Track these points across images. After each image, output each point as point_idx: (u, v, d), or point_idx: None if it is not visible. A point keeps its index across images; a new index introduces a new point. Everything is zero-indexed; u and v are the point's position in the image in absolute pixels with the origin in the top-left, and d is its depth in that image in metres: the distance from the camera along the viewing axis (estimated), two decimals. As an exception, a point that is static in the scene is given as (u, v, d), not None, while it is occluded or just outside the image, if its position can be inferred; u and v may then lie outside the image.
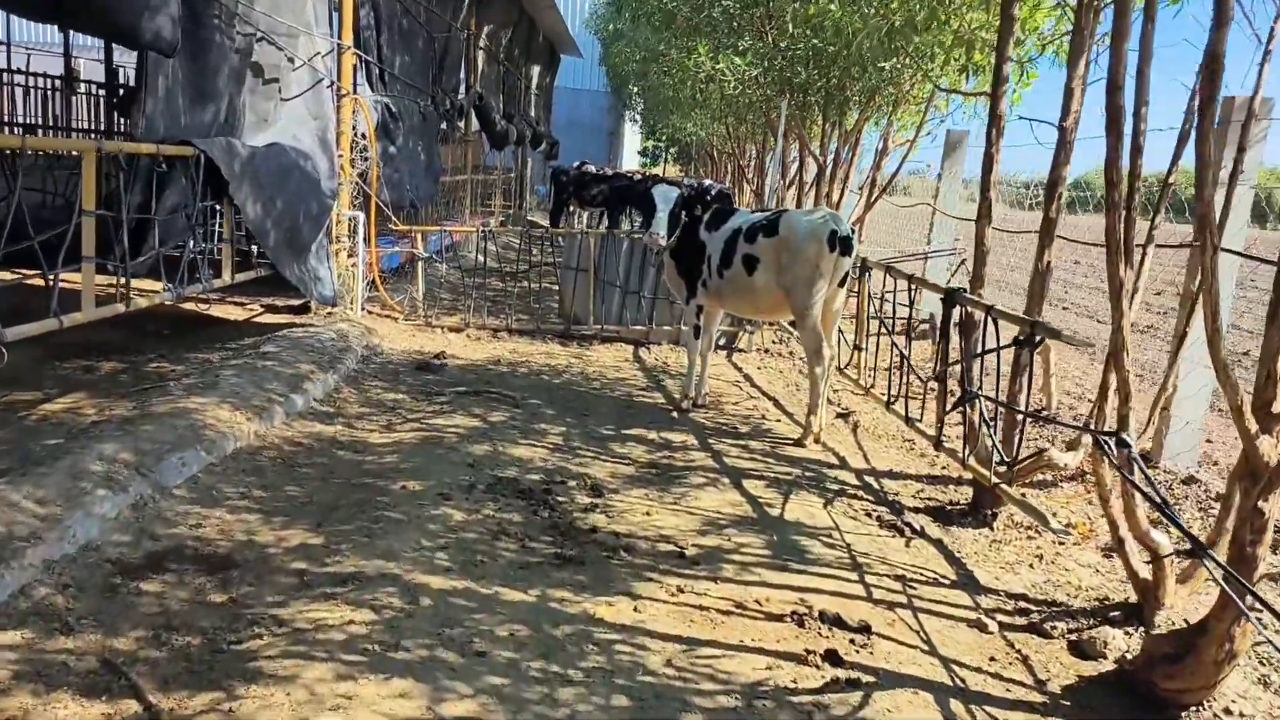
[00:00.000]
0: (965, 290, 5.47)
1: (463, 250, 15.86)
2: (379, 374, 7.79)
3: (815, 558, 4.71)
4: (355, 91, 9.74)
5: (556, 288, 11.50)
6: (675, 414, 7.30)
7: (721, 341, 9.79)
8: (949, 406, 5.65)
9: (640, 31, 17.31)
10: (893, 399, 6.50)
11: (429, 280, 11.16)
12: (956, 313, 5.60)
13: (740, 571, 4.49)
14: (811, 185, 13.03)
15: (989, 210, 5.31)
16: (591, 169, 21.81)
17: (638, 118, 35.08)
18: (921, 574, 4.63)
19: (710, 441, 6.63)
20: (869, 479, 6.11)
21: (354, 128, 9.78)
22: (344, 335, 8.40)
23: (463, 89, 15.83)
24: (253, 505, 4.81)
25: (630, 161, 41.26)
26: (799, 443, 6.66)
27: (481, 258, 10.20)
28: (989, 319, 5.03)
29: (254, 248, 8.92)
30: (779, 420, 7.40)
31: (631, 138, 41.31)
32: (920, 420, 6.23)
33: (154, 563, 4.11)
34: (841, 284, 6.59)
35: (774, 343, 10.34)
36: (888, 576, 4.56)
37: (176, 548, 4.26)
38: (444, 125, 14.51)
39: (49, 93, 15.42)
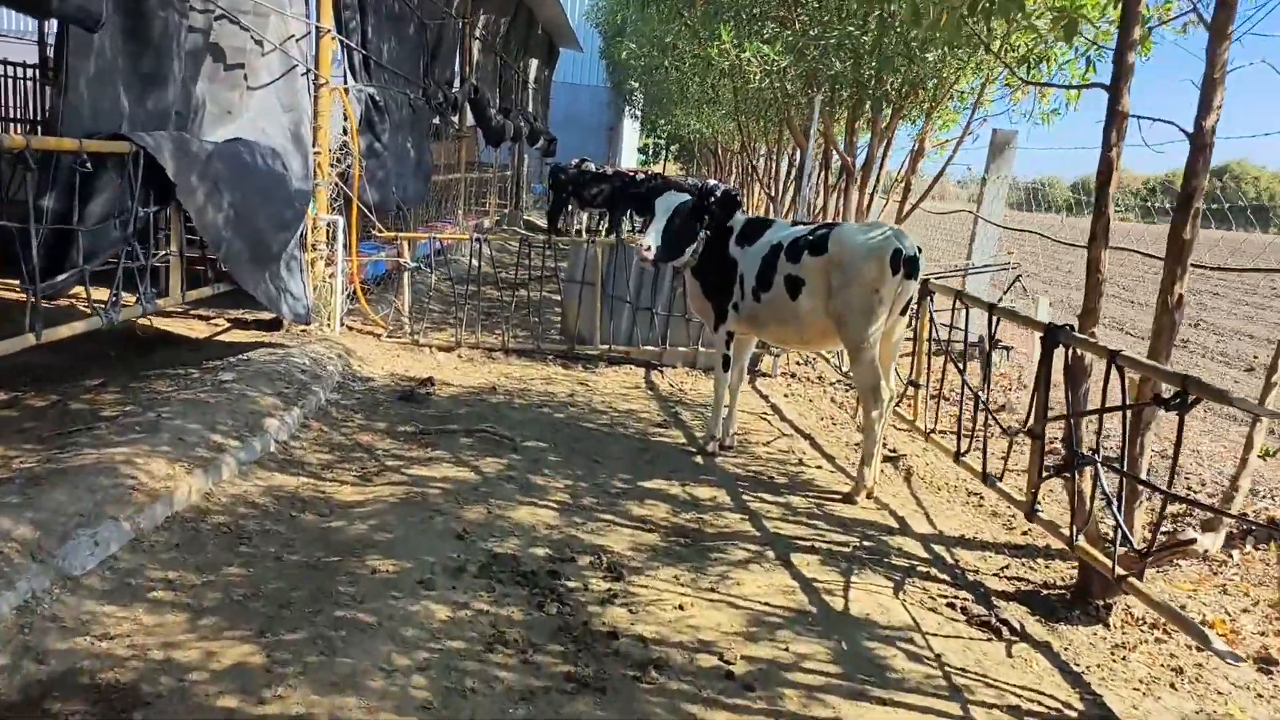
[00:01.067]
0: (1071, 328, 4.45)
1: (455, 254, 14.82)
2: (357, 406, 6.75)
3: (899, 677, 3.69)
4: (335, 81, 8.69)
5: (558, 298, 10.45)
6: (700, 458, 6.27)
7: None
8: (1047, 468, 4.63)
9: (649, 22, 16.24)
10: (963, 450, 5.47)
11: (416, 290, 10.12)
12: (1057, 353, 4.57)
13: (807, 702, 3.47)
14: (835, 188, 12.02)
15: (1106, 229, 4.29)
16: (591, 167, 20.77)
17: (638, 114, 33.98)
18: (1039, 703, 3.60)
19: (744, 497, 5.60)
20: (938, 549, 5.09)
21: (334, 122, 8.73)
22: (318, 358, 7.34)
23: (457, 81, 14.78)
24: (181, 600, 3.77)
25: (630, 159, 40.19)
26: (848, 499, 5.64)
27: (475, 262, 9.13)
28: (1114, 367, 4.00)
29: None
30: (818, 466, 6.37)
31: (631, 135, 40.25)
32: (999, 477, 5.21)
33: (31, 701, 3.07)
34: (903, 312, 5.57)
35: (799, 364, 9.32)
36: (997, 708, 3.54)
37: (67, 674, 3.21)
38: (436, 120, 13.46)
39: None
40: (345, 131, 8.76)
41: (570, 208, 19.76)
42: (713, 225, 6.20)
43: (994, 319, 5.20)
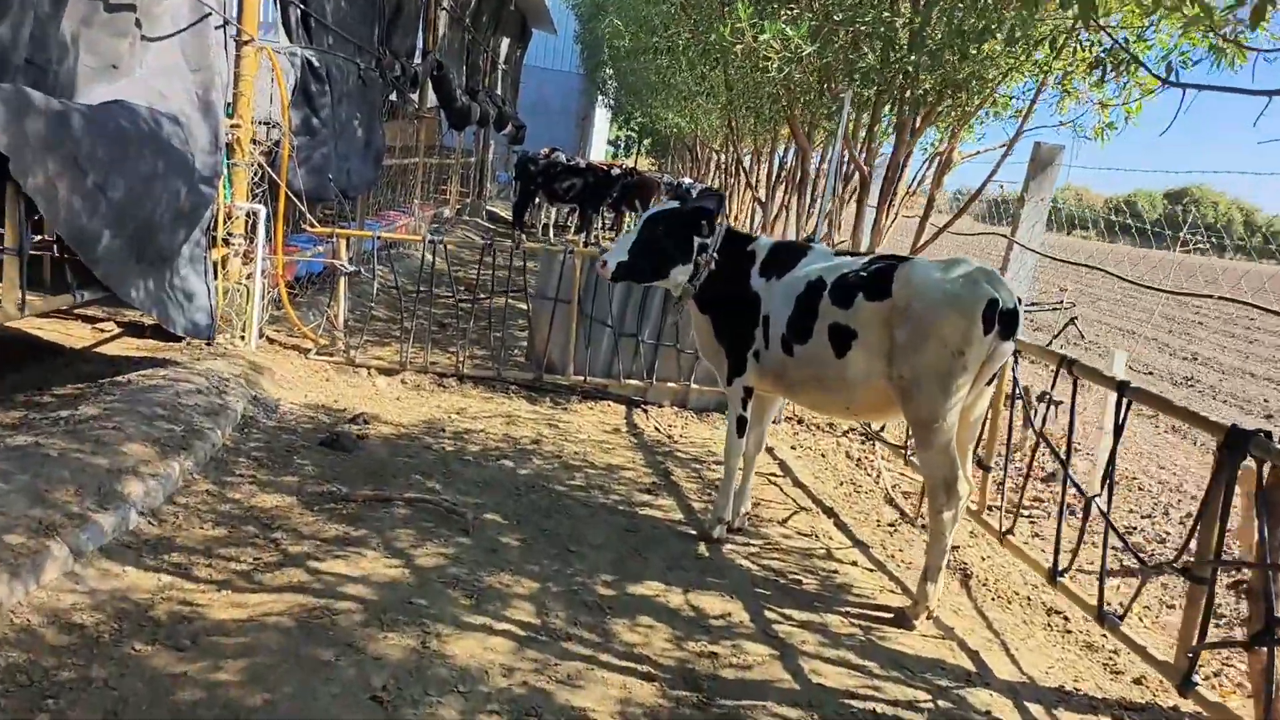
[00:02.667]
0: (1266, 434, 3.13)
1: (408, 248, 13.27)
2: (264, 453, 5.25)
3: None
4: (264, 39, 7.15)
5: (525, 307, 8.97)
6: (703, 546, 4.88)
7: (714, 404, 7.38)
8: (1204, 621, 3.31)
9: (635, 2, 14.81)
10: (1063, 568, 4.15)
11: (361, 293, 8.59)
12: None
13: None
14: (851, 199, 10.68)
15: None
16: (562, 158, 19.26)
17: (613, 103, 32.44)
18: None
19: (767, 613, 4.22)
20: (1035, 710, 3.75)
21: (260, 89, 7.20)
22: (219, 383, 5.82)
23: (418, 54, 13.22)
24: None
25: (600, 151, 38.69)
26: (903, 622, 4.28)
27: (430, 263, 7.61)
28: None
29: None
30: (852, 561, 5.01)
31: (603, 125, 38.73)
32: (1121, 616, 3.88)
33: None
34: (990, 381, 4.23)
35: (803, 404, 7.97)
36: None
37: None
38: (392, 96, 11.91)
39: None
40: (274, 101, 7.22)
41: (538, 201, 18.27)
42: (724, 246, 4.80)
43: (1123, 401, 3.85)
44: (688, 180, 22.66)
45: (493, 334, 7.86)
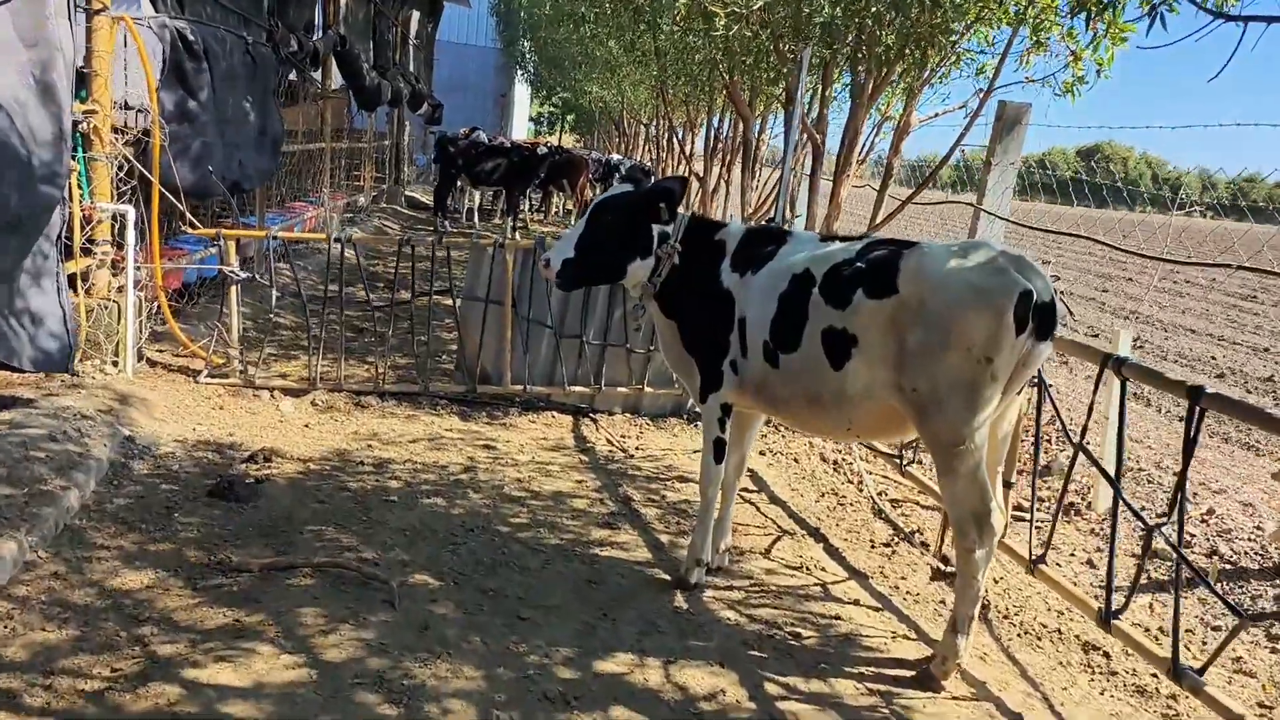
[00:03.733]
0: None
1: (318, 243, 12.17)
2: (134, 513, 4.29)
3: None
4: (121, 8, 6.07)
5: (449, 303, 8.04)
6: (679, 596, 4.09)
7: (671, 408, 6.57)
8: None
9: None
10: (1118, 609, 3.46)
11: (260, 299, 7.56)
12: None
13: None
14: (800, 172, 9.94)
15: None
16: (483, 137, 18.19)
17: (534, 78, 31.19)
18: None
19: (767, 687, 3.44)
20: (1107, 795, 3.05)
21: (118, 69, 6.13)
22: (79, 425, 4.82)
23: (318, 29, 12.06)
24: None
25: (522, 129, 37.41)
26: (928, 682, 3.55)
27: (354, 251, 6.62)
28: None
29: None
30: (854, 599, 4.25)
31: (524, 101, 37.42)
32: (1202, 670, 3.19)
33: None
34: (1022, 389, 3.50)
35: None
36: None
37: None
38: (290, 75, 10.79)
39: None
40: (140, 83, 6.14)
41: (460, 184, 17.20)
42: (688, 236, 4.01)
43: (1197, 411, 3.12)
44: (617, 156, 21.76)
45: (416, 340, 6.89)
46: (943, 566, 4.52)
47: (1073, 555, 5.01)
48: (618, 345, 6.42)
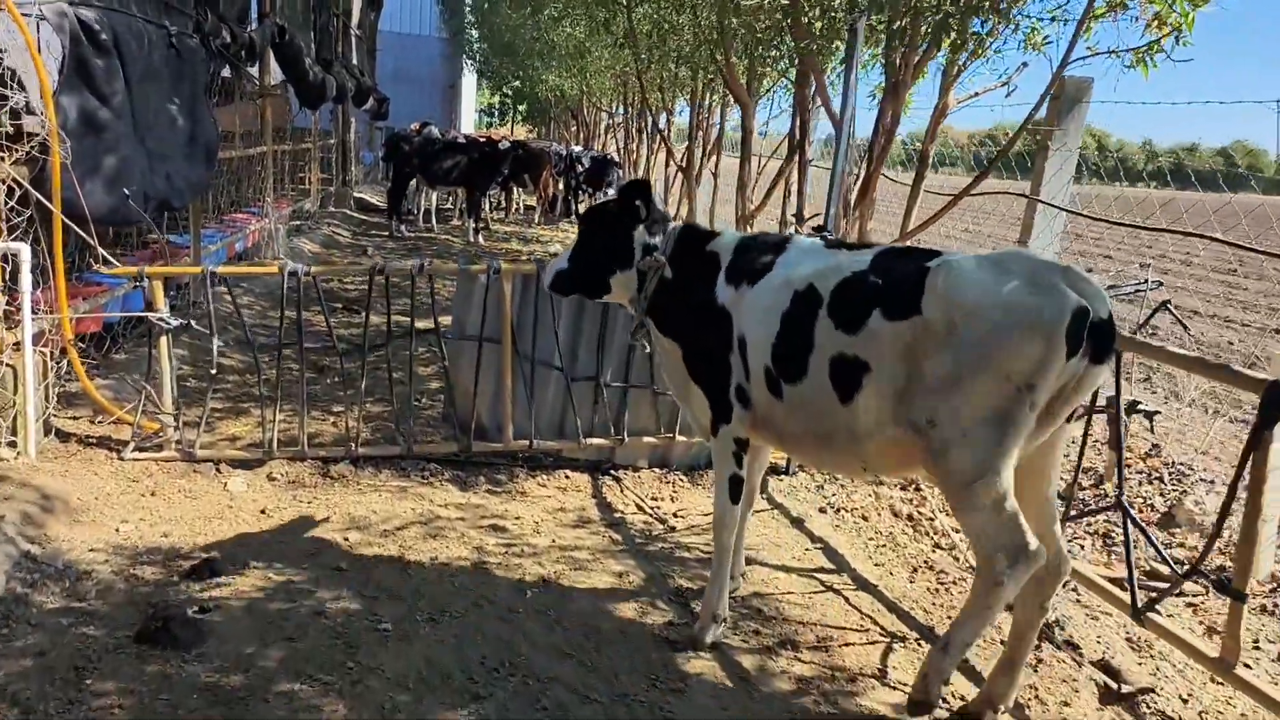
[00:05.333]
0: None
1: (264, 254, 10.87)
2: (26, 679, 3.10)
3: None
4: (-1, -10, 4.80)
5: (429, 322, 6.84)
6: (687, 652, 3.04)
7: (706, 458, 5.48)
8: None
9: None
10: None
11: (195, 340, 6.29)
12: None
13: None
14: (784, 166, 8.91)
15: None
16: (435, 132, 16.98)
17: (481, 67, 29.72)
18: None
19: None
20: None
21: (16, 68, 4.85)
22: (-37, 548, 3.59)
23: (253, 19, 10.72)
24: None
25: (471, 122, 35.89)
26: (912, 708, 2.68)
27: (292, 311, 5.37)
28: None
29: None
30: (897, 633, 3.23)
31: (473, 92, 35.90)
32: None
33: None
34: (1073, 417, 3.06)
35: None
36: None
37: None
38: (224, 72, 9.50)
39: None
40: (21, 84, 4.86)
41: (415, 184, 15.92)
42: (679, 248, 3.65)
43: None
44: (579, 148, 20.58)
45: (393, 383, 5.67)
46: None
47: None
48: (642, 387, 5.32)
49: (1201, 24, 5.63)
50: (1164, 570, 4.08)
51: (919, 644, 3.81)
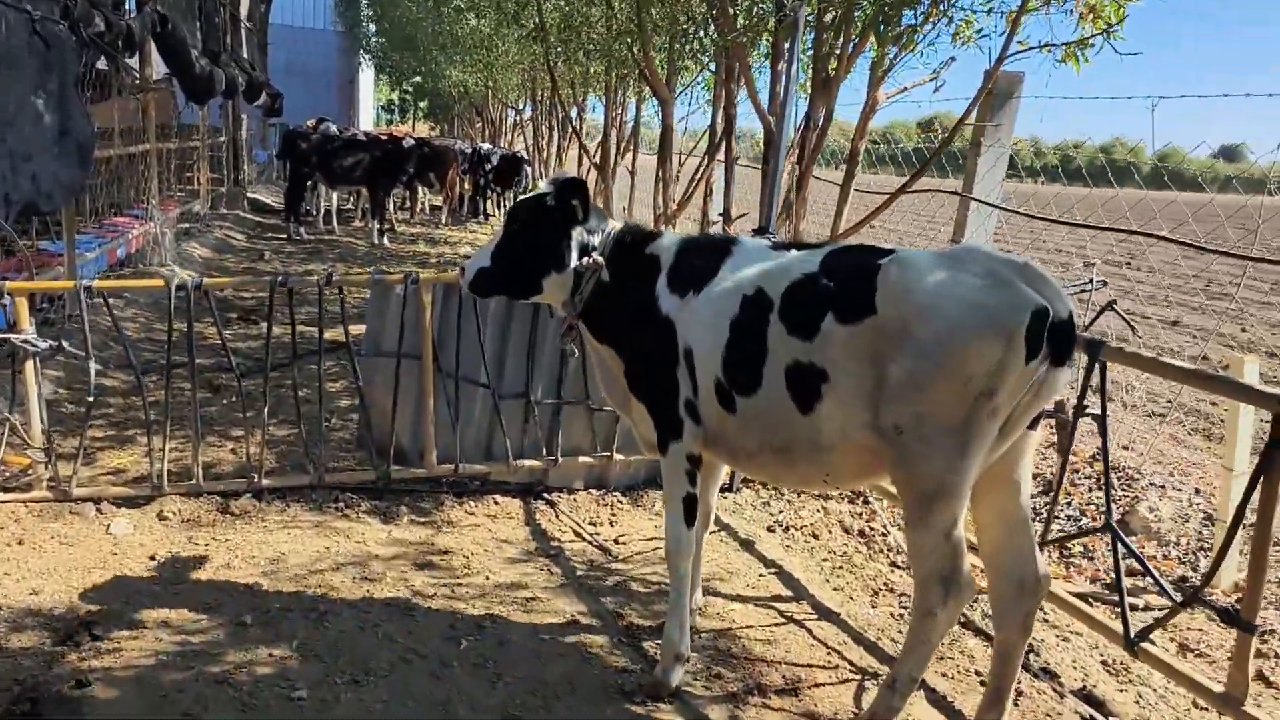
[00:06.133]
0: None
1: (150, 259, 10.08)
2: None
3: None
4: None
5: (344, 340, 6.31)
6: (646, 704, 2.72)
7: (645, 476, 5.04)
8: None
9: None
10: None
11: (70, 360, 5.62)
12: None
13: None
14: (706, 163, 8.68)
15: None
16: (333, 129, 16.20)
17: (379, 62, 28.68)
18: None
19: None
20: None
21: None
22: None
23: (131, 6, 9.91)
24: None
25: (370, 119, 34.68)
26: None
27: (183, 323, 4.78)
28: None
29: None
30: (868, 668, 2.98)
31: (372, 88, 34.69)
32: None
33: None
34: (1035, 424, 2.84)
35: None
36: None
37: None
38: (99, 63, 8.73)
39: None
40: None
41: (313, 184, 15.13)
42: (616, 252, 3.36)
43: None
44: (486, 145, 19.99)
45: (299, 402, 5.12)
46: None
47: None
48: (576, 403, 4.93)
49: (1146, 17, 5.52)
50: (1131, 582, 3.91)
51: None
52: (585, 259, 3.31)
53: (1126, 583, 3.12)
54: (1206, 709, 3.28)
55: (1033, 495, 5.03)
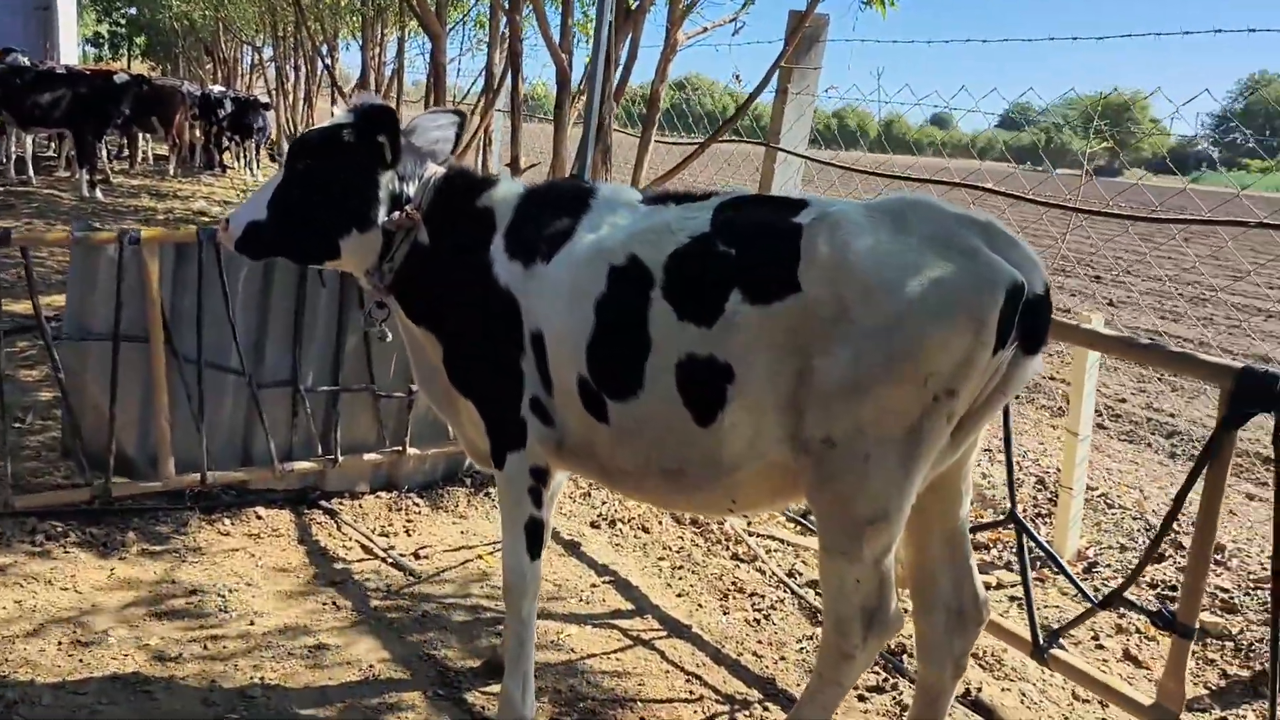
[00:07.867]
0: None
1: None
2: None
3: None
4: None
5: (34, 319, 4.93)
6: None
7: (444, 471, 4.21)
8: None
9: None
10: None
11: None
12: None
13: None
14: (483, 107, 7.86)
15: None
16: (24, 61, 13.71)
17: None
18: None
19: None
20: None
21: None
22: None
23: None
24: None
25: (73, 54, 30.16)
26: None
27: None
28: None
29: None
30: (735, 694, 2.54)
31: (74, 20, 30.09)
32: None
33: None
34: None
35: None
36: None
37: None
38: None
39: None
40: None
41: (1, 126, 12.66)
42: (440, 199, 2.62)
43: None
44: (218, 88, 17.76)
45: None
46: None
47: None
48: (358, 389, 4.03)
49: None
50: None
51: (765, 706, 3.01)
52: (397, 213, 2.56)
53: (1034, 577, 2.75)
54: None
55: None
